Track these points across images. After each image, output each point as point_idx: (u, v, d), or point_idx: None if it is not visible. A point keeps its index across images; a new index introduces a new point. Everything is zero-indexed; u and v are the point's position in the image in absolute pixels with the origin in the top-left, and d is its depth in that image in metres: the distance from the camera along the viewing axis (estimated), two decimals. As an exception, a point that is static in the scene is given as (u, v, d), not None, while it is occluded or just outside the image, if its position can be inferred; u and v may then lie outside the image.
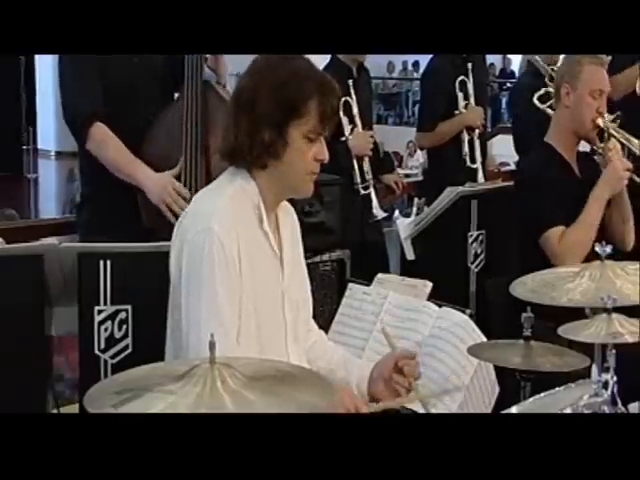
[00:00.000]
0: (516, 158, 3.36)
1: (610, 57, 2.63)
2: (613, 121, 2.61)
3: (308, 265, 1.88)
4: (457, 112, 3.33)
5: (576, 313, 1.81)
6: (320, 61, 2.11)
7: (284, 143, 1.61)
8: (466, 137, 3.34)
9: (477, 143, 3.37)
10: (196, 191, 2.15)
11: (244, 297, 1.60)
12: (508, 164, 5.30)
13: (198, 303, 1.56)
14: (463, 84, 3.33)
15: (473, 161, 3.35)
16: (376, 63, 3.34)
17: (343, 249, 2.73)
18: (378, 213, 3.16)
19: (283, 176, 1.65)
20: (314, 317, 1.89)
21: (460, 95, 3.32)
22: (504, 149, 3.84)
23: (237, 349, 1.55)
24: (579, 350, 1.66)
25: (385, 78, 13.17)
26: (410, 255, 2.93)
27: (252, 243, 1.64)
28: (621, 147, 2.61)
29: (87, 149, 2.23)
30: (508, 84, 12.03)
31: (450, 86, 3.31)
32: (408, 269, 2.89)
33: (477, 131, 3.35)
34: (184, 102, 2.21)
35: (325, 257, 2.67)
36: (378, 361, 1.81)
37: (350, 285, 2.21)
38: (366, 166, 3.15)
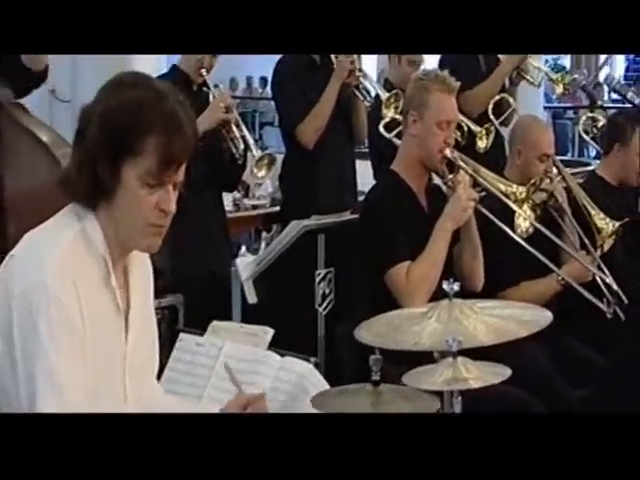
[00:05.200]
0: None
1: (459, 82, 2.76)
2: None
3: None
4: None
5: (428, 356, 1.92)
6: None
7: (116, 182, 1.56)
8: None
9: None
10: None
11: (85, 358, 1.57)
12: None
13: (33, 367, 1.52)
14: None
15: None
16: (217, 79, 3.36)
17: (175, 293, 2.73)
18: None
19: (118, 223, 1.60)
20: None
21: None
22: (362, 177, 3.86)
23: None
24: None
25: (228, 97, 13.32)
26: (252, 298, 2.96)
27: (94, 298, 1.59)
28: (470, 179, 2.70)
29: None
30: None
31: (305, 84, 3.53)
32: (249, 314, 2.92)
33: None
34: None
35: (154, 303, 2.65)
36: (227, 404, 1.85)
37: (181, 335, 2.20)
38: None
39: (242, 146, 3.15)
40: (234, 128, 3.14)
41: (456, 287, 1.91)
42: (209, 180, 3.18)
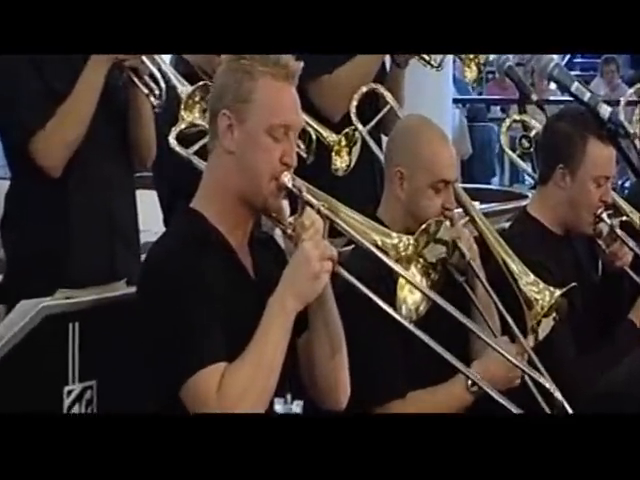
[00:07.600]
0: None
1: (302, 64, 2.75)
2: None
3: None
4: None
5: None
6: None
7: None
8: None
9: None
10: None
11: None
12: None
13: None
14: None
15: None
16: None
17: None
18: None
19: None
20: None
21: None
22: (149, 221, 3.97)
23: None
24: None
25: None
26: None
27: None
28: (325, 223, 2.67)
29: None
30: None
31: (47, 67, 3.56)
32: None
33: None
34: None
35: None
36: None
37: None
38: None
39: None
40: None
41: (297, 408, 1.92)
42: None
